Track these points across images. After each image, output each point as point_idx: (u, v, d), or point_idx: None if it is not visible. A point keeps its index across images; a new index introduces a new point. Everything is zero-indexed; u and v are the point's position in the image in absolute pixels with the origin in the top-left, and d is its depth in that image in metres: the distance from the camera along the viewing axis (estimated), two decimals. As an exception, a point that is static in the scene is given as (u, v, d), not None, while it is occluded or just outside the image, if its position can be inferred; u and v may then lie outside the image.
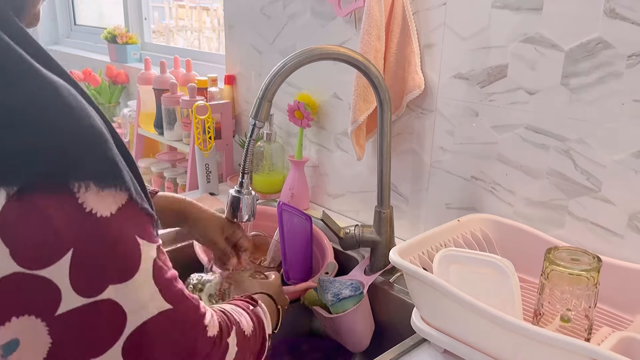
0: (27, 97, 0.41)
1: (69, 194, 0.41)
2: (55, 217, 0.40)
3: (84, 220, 0.41)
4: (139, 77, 1.82)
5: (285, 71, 0.87)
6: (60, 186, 0.40)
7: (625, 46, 0.81)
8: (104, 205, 0.42)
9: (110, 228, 0.42)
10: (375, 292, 1.04)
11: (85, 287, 0.42)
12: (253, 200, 0.92)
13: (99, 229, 0.42)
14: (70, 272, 0.41)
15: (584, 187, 0.90)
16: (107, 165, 0.43)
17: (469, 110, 1.03)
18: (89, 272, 0.42)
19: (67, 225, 0.40)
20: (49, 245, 0.40)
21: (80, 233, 0.41)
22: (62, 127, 0.42)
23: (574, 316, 0.75)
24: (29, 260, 0.40)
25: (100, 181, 0.42)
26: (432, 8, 1.04)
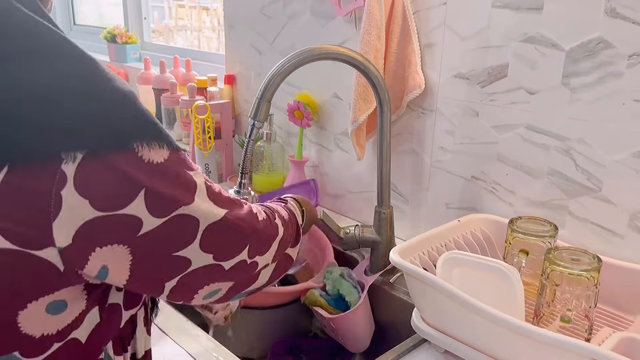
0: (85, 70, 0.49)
1: (131, 151, 0.48)
2: (125, 170, 0.48)
3: (147, 168, 0.49)
4: (139, 77, 1.82)
5: (284, 71, 0.87)
6: (123, 145, 0.48)
7: (626, 46, 0.81)
8: (158, 155, 0.50)
9: (166, 170, 0.51)
10: (375, 292, 1.04)
11: (161, 212, 0.50)
12: (252, 201, 0.92)
13: (159, 171, 0.50)
14: (146, 205, 0.49)
15: (584, 187, 0.90)
16: (151, 125, 0.51)
17: (469, 110, 1.03)
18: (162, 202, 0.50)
19: (135, 173, 0.48)
20: (125, 190, 0.48)
21: (147, 176, 0.49)
22: (114, 95, 0.49)
23: (574, 316, 0.75)
24: (108, 206, 0.47)
25: (150, 139, 0.50)
26: (432, 7, 1.04)
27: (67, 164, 0.45)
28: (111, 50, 2.22)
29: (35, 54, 0.48)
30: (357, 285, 1.01)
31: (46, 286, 0.48)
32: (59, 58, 0.49)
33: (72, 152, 0.46)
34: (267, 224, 0.66)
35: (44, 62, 0.48)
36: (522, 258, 0.84)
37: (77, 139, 0.47)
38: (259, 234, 0.63)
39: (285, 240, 0.70)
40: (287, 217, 0.74)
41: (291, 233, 0.73)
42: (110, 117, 0.48)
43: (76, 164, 0.46)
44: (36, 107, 0.46)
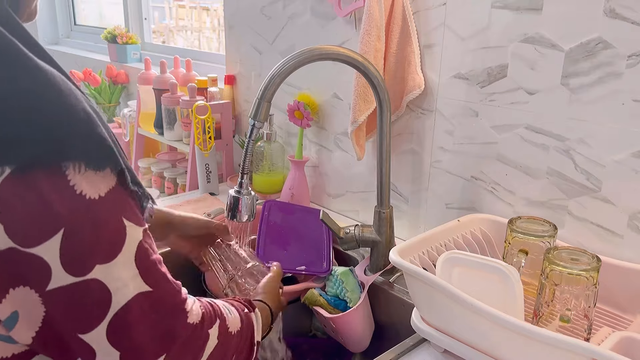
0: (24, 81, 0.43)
1: (61, 174, 0.43)
2: (48, 196, 0.42)
3: (75, 202, 0.43)
4: (139, 77, 1.82)
5: (284, 71, 0.87)
6: (54, 166, 0.42)
7: (625, 46, 0.81)
8: (94, 188, 0.44)
9: (98, 210, 0.44)
10: (375, 292, 1.04)
11: (74, 266, 0.44)
12: (253, 200, 0.92)
13: (88, 210, 0.44)
14: (60, 251, 0.43)
15: (584, 187, 0.90)
16: (99, 148, 0.45)
17: (469, 110, 1.03)
18: (77, 252, 0.44)
19: (59, 205, 0.42)
20: (42, 223, 0.42)
21: (70, 214, 0.43)
22: (55, 110, 0.44)
23: (573, 316, 0.75)
24: (22, 237, 0.42)
25: (92, 163, 0.44)
26: (432, 8, 1.04)
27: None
28: (112, 50, 2.22)
29: None
30: (360, 284, 1.02)
31: None
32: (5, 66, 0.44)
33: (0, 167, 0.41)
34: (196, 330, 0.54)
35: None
36: (521, 258, 0.84)
37: (7, 151, 0.42)
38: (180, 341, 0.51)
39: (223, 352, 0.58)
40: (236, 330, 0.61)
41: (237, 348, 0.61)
42: (47, 132, 0.43)
43: (1, 179, 0.41)
44: None
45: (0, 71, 0.43)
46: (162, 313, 0.50)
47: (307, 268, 1.05)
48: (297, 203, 1.33)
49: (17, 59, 0.44)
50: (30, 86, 0.44)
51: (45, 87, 0.44)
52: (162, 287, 0.50)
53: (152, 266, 0.49)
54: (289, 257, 1.08)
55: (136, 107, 1.83)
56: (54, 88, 0.45)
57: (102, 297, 0.46)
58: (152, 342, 0.49)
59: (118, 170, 0.46)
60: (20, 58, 0.45)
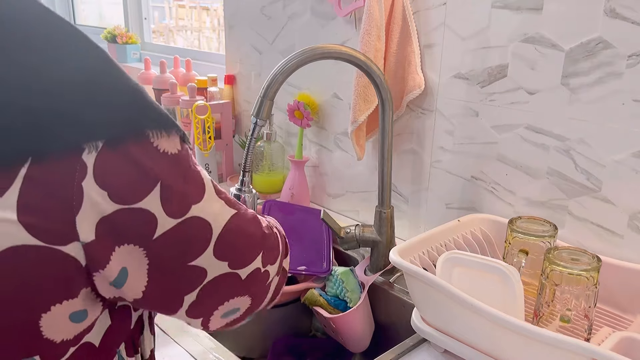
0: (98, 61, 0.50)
1: (147, 139, 0.49)
2: (140, 160, 0.48)
3: (163, 159, 0.49)
4: (139, 77, 1.82)
5: (287, 70, 0.87)
6: (140, 135, 0.48)
7: (626, 46, 0.81)
8: (172, 145, 0.51)
9: (180, 161, 0.51)
10: (375, 292, 1.04)
11: (174, 210, 0.50)
12: (254, 198, 0.92)
13: (174, 163, 0.50)
14: (161, 201, 0.49)
15: (584, 187, 0.90)
16: (163, 115, 0.51)
17: (469, 110, 1.03)
18: (176, 198, 0.50)
19: (151, 165, 0.48)
20: (141, 183, 0.48)
21: (161, 169, 0.49)
22: (127, 85, 0.50)
23: (573, 316, 0.75)
24: (126, 198, 0.47)
25: (163, 128, 0.50)
26: (432, 8, 1.04)
27: (87, 155, 0.46)
28: (111, 50, 2.22)
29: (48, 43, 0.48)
30: (360, 284, 1.02)
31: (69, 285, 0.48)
32: (73, 49, 0.49)
33: (93, 142, 0.46)
34: (270, 231, 0.65)
35: (58, 52, 0.48)
36: (521, 258, 0.84)
37: (96, 129, 0.47)
38: (267, 239, 0.62)
39: (282, 250, 0.69)
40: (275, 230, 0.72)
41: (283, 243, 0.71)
42: (125, 107, 0.49)
43: (96, 153, 0.46)
44: (52, 98, 0.46)
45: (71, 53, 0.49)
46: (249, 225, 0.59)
47: (307, 268, 1.05)
48: (297, 203, 1.33)
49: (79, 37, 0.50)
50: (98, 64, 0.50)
51: (112, 66, 0.50)
52: (241, 208, 0.59)
53: (225, 195, 0.57)
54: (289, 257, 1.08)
55: (136, 107, 1.82)
56: (115, 65, 0.51)
57: (204, 227, 0.53)
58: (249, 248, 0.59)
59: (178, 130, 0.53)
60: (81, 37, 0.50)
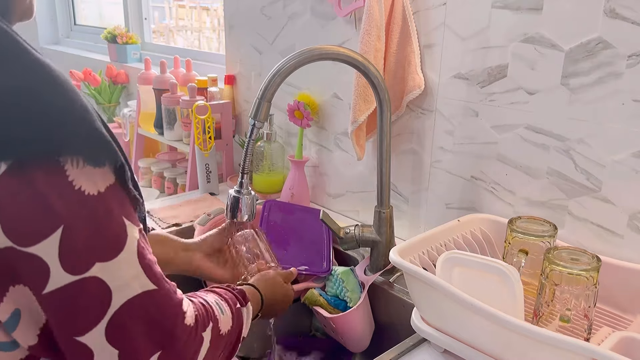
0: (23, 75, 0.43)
1: (59, 170, 0.41)
2: (46, 193, 0.41)
3: (74, 198, 0.42)
4: (139, 77, 1.82)
5: (284, 71, 0.87)
6: (51, 162, 0.41)
7: (625, 46, 0.81)
8: (93, 184, 0.43)
9: (98, 206, 0.43)
10: (375, 292, 1.04)
11: (73, 265, 0.43)
12: (253, 200, 0.92)
13: (87, 207, 0.43)
14: (59, 250, 0.42)
15: (584, 187, 0.90)
16: (98, 142, 0.44)
17: (469, 110, 1.03)
18: (77, 250, 0.43)
19: (57, 202, 0.41)
20: (40, 221, 0.41)
21: (69, 210, 0.42)
22: (54, 103, 0.43)
23: (573, 316, 0.75)
24: (20, 236, 0.41)
25: (90, 158, 0.43)
26: (432, 8, 1.04)
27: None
28: (112, 50, 2.22)
29: None
30: (360, 284, 1.02)
31: None
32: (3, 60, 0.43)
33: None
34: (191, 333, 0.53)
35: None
36: (521, 258, 0.84)
37: (3, 148, 0.41)
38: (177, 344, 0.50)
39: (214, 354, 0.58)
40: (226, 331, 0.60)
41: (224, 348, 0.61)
42: (45, 125, 0.42)
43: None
44: None
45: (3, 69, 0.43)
46: (164, 313, 0.49)
47: (307, 268, 1.05)
48: (297, 203, 1.33)
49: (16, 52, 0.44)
50: (28, 82, 0.43)
51: (44, 82, 0.44)
52: (163, 286, 0.50)
53: (152, 265, 0.49)
54: (289, 256, 1.08)
55: (136, 107, 1.83)
56: (53, 83, 0.44)
57: (103, 295, 0.44)
58: (150, 341, 0.48)
59: (118, 166, 0.45)
60: (19, 51, 0.44)
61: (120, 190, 0.46)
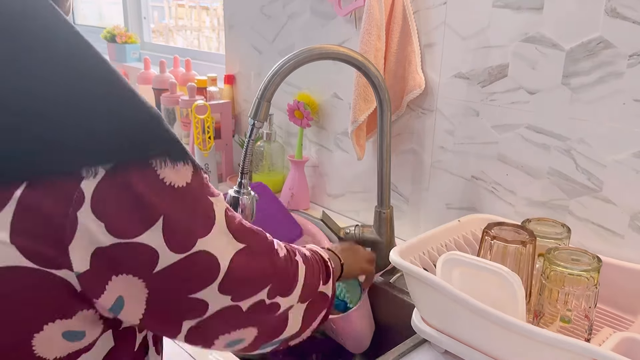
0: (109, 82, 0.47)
1: (151, 170, 0.46)
2: (143, 192, 0.45)
3: (167, 192, 0.47)
4: (139, 77, 1.82)
5: (284, 71, 0.87)
6: (144, 164, 0.46)
7: (626, 46, 0.81)
8: (180, 177, 0.48)
9: (188, 195, 0.49)
10: (375, 292, 1.04)
11: (178, 246, 0.48)
12: (252, 200, 0.92)
13: (180, 197, 0.48)
14: (164, 236, 0.47)
15: (584, 187, 0.90)
16: (174, 143, 0.49)
17: (470, 110, 1.02)
18: (179, 233, 0.48)
19: (154, 198, 0.46)
20: (141, 216, 0.46)
21: (165, 203, 0.47)
22: (138, 109, 0.47)
23: (574, 317, 0.74)
24: (124, 232, 0.45)
25: (173, 157, 0.48)
26: (432, 7, 1.04)
27: (86, 181, 0.43)
28: (111, 50, 2.22)
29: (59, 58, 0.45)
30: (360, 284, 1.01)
31: (63, 307, 0.47)
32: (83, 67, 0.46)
33: (94, 168, 0.44)
34: (287, 261, 0.63)
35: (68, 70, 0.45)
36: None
37: (99, 154, 0.44)
38: (280, 272, 0.61)
39: (311, 278, 0.67)
40: (310, 254, 0.70)
41: (317, 269, 0.69)
42: (132, 132, 0.46)
43: (96, 181, 0.44)
44: (57, 118, 0.44)
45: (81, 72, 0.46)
46: (260, 258, 0.58)
47: None
48: (297, 203, 1.33)
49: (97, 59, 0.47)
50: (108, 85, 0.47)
51: (124, 88, 0.48)
52: (253, 240, 0.57)
53: (239, 226, 0.55)
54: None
55: (136, 106, 1.82)
56: (129, 88, 0.48)
57: (211, 263, 0.51)
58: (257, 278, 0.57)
59: (191, 158, 0.51)
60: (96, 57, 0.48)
61: (199, 176, 0.51)
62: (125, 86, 0.48)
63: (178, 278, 0.49)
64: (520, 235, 0.81)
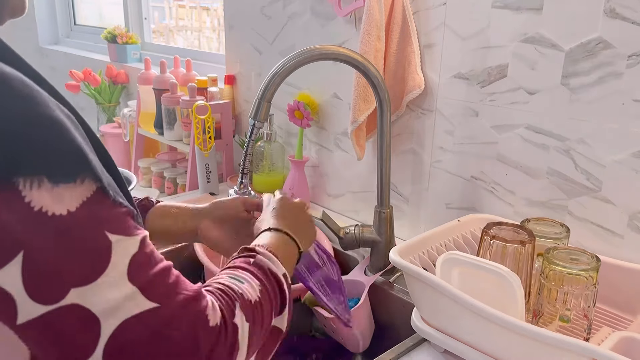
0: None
1: (14, 191, 0.37)
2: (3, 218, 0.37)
3: (33, 220, 0.38)
4: (139, 77, 1.82)
5: (284, 71, 0.87)
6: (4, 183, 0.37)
7: (626, 46, 0.81)
8: (60, 203, 0.38)
9: (67, 227, 0.39)
10: (375, 292, 1.04)
11: (42, 293, 0.38)
12: (253, 200, 0.92)
13: (53, 228, 0.38)
14: (23, 278, 0.38)
15: (584, 187, 0.90)
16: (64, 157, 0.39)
17: (469, 110, 1.03)
18: (44, 277, 0.38)
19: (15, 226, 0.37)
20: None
21: (28, 234, 0.38)
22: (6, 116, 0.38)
23: (573, 316, 0.75)
24: None
25: (55, 175, 0.38)
26: (432, 8, 1.04)
27: None
28: (111, 50, 2.22)
29: None
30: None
31: None
32: None
33: None
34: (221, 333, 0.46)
35: None
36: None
37: None
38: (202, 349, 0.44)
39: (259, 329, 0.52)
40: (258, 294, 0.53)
41: (269, 309, 0.54)
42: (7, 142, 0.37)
43: None
44: None
45: None
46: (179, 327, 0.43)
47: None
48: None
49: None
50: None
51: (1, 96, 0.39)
52: (173, 300, 0.44)
53: (157, 278, 0.43)
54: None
55: (136, 107, 1.83)
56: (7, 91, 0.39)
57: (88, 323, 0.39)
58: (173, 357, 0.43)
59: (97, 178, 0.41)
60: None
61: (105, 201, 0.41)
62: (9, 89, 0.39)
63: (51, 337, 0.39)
64: (519, 235, 0.81)
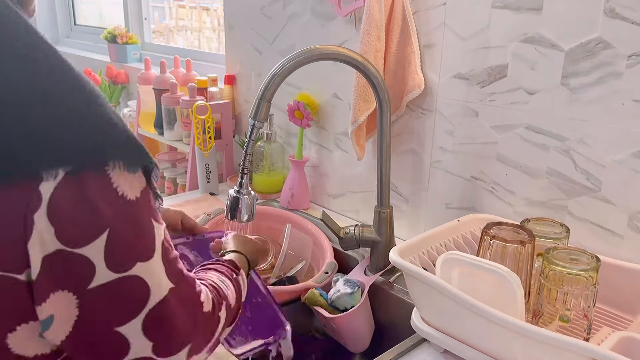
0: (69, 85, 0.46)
1: (106, 176, 0.44)
2: (95, 199, 0.44)
3: (118, 203, 0.45)
4: (139, 77, 1.82)
5: (284, 71, 0.87)
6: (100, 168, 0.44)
7: (625, 46, 0.81)
8: (132, 189, 0.46)
9: (136, 211, 0.47)
10: (375, 292, 1.04)
11: (116, 264, 0.46)
12: (252, 200, 0.92)
13: (129, 211, 0.46)
14: (105, 250, 0.45)
15: (584, 187, 0.90)
16: (133, 147, 0.47)
17: (469, 110, 1.03)
18: (121, 251, 0.46)
19: (104, 207, 0.44)
20: (90, 225, 0.44)
21: (114, 215, 0.45)
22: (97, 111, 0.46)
23: (573, 316, 0.75)
24: (71, 239, 0.44)
25: (129, 163, 0.46)
26: (432, 8, 1.04)
27: (45, 184, 0.43)
28: (112, 50, 2.22)
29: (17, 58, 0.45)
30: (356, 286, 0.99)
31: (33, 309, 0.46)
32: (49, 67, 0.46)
33: (54, 170, 0.43)
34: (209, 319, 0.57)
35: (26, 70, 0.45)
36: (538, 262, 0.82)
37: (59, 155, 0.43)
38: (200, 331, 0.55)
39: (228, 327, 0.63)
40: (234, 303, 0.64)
41: (230, 318, 0.64)
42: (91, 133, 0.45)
43: (55, 183, 0.43)
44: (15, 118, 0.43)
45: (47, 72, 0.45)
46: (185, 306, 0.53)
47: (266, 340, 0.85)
48: (297, 203, 1.33)
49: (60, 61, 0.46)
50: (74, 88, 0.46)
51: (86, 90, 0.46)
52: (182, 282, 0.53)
53: (174, 263, 0.52)
54: None
55: (136, 107, 1.83)
56: (89, 90, 0.47)
57: (142, 292, 0.48)
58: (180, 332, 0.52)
59: (147, 170, 0.48)
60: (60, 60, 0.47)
61: (150, 193, 0.49)
62: (84, 86, 0.46)
63: (110, 298, 0.47)
64: (519, 235, 0.81)
